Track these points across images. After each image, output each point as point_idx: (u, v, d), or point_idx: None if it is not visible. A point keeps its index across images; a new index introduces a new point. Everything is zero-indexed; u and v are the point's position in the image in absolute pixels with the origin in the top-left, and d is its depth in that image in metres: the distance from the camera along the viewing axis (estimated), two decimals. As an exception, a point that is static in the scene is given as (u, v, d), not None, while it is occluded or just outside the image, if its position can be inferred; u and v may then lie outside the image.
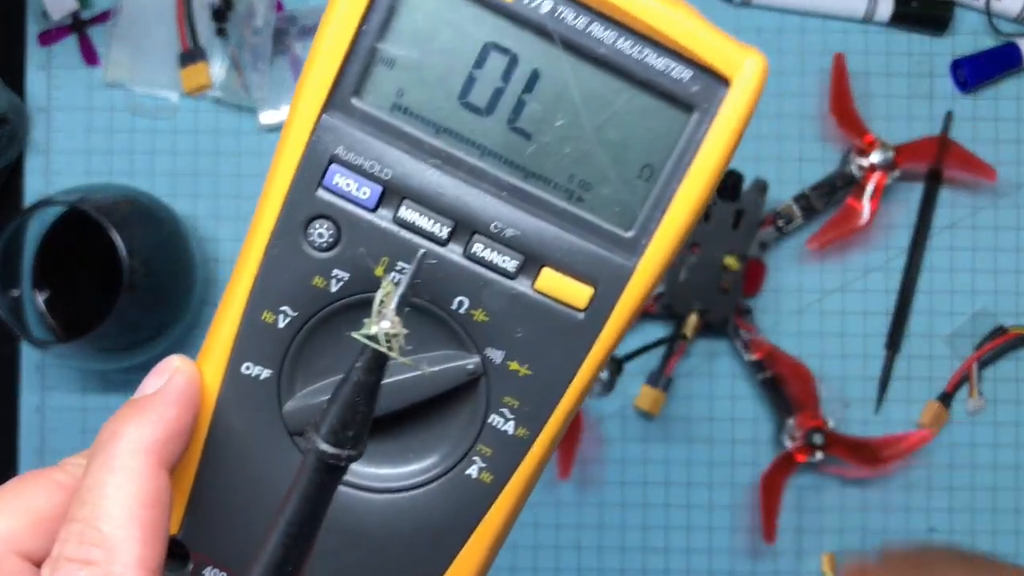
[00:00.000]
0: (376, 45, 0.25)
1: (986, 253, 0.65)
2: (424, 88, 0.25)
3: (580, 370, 0.27)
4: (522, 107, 0.25)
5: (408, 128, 0.26)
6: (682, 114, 0.26)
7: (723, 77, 0.26)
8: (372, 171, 0.26)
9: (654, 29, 0.25)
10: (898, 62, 0.65)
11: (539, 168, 0.26)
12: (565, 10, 0.25)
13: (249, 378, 0.28)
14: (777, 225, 0.63)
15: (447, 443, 0.27)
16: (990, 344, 0.64)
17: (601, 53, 0.25)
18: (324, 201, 0.26)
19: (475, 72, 0.25)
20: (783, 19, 0.65)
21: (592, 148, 0.25)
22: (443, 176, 0.26)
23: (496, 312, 0.26)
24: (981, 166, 0.63)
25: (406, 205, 0.26)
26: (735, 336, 0.64)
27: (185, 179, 0.66)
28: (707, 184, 0.26)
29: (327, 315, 0.26)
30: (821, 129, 0.65)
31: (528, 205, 0.26)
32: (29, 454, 0.65)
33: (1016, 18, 0.65)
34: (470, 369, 0.27)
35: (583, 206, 0.26)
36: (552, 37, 0.25)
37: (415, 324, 0.25)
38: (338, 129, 0.26)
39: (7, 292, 0.58)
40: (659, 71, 0.25)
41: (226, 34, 0.63)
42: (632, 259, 0.26)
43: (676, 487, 0.65)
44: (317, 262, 0.26)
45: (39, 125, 0.66)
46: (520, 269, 0.26)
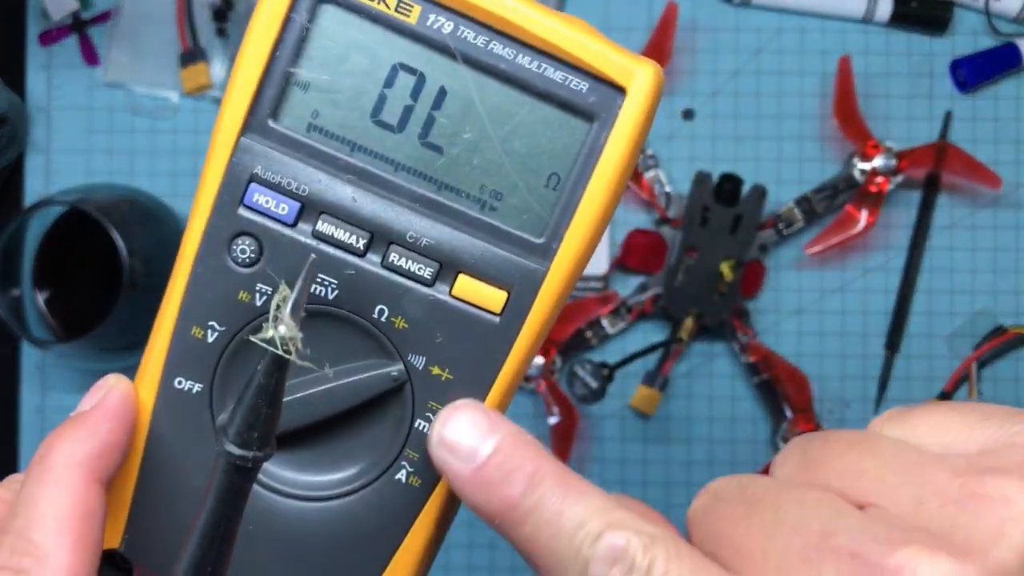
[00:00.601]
0: (290, 69, 0.26)
1: (985, 253, 0.65)
2: (337, 109, 0.27)
3: (500, 373, 0.27)
4: (432, 123, 0.27)
5: (324, 147, 0.27)
6: (583, 123, 0.27)
7: (619, 87, 0.27)
8: (290, 188, 0.27)
9: (551, 44, 0.26)
10: (897, 62, 0.65)
11: (451, 180, 0.27)
12: (466, 30, 0.26)
13: (182, 392, 0.28)
14: (778, 228, 0.63)
15: (377, 449, 0.28)
16: (989, 344, 0.64)
17: (503, 69, 0.26)
18: (245, 218, 0.27)
19: (385, 91, 0.27)
20: (782, 19, 0.65)
21: (500, 159, 0.27)
22: (359, 191, 0.27)
23: (416, 319, 0.27)
24: (986, 173, 0.63)
25: (323, 219, 0.27)
26: (732, 339, 0.64)
27: (185, 179, 0.66)
28: (611, 189, 0.27)
29: (253, 328, 0.27)
30: (821, 129, 0.65)
31: (442, 215, 0.27)
32: (29, 454, 0.65)
33: (1015, 18, 0.65)
34: (394, 376, 0.27)
35: (495, 215, 0.27)
36: (455, 56, 0.26)
37: (340, 335, 0.27)
38: (256, 150, 0.27)
39: (8, 292, 0.58)
40: (559, 83, 0.26)
41: (226, 34, 0.63)
42: (544, 264, 0.27)
43: (676, 487, 0.65)
44: (241, 277, 0.27)
45: (39, 125, 0.66)
46: (437, 276, 0.27)
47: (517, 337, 0.27)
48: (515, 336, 0.27)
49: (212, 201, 0.27)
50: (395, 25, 0.26)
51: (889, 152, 0.62)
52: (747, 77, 0.65)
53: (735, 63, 0.65)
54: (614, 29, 0.65)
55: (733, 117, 0.65)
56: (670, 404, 0.65)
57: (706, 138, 0.65)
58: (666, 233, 0.64)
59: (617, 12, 0.66)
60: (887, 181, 0.62)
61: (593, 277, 0.64)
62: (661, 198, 0.64)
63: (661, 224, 0.64)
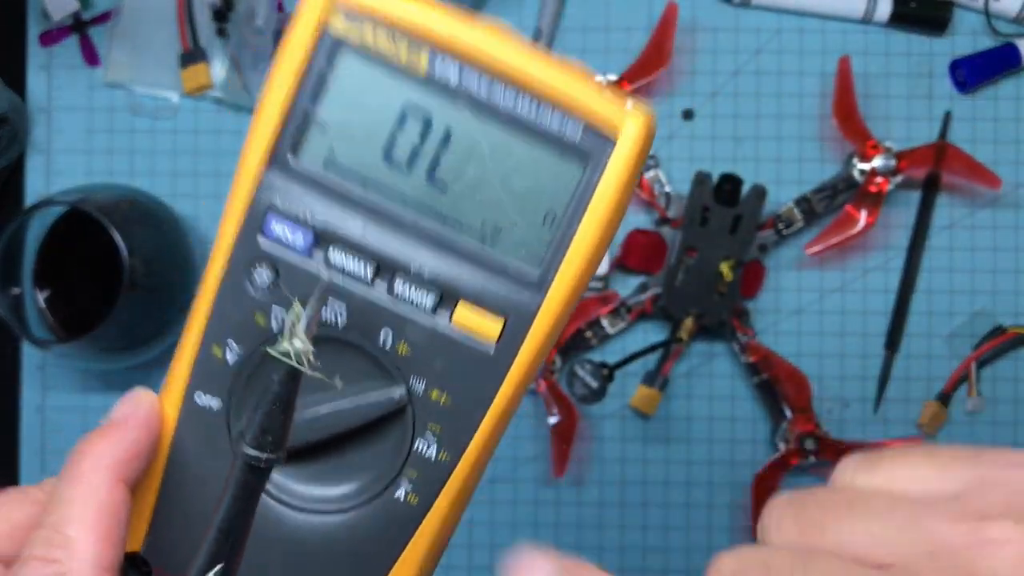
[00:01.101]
0: (310, 110, 0.29)
1: (985, 253, 0.65)
2: (352, 147, 0.29)
3: (496, 398, 0.29)
4: (438, 162, 0.28)
5: (338, 182, 0.29)
6: (577, 167, 0.28)
7: (610, 135, 0.28)
8: (305, 220, 0.29)
9: (549, 91, 0.28)
10: (897, 62, 0.66)
11: (455, 214, 0.29)
12: (470, 76, 0.28)
13: (202, 408, 0.30)
14: (777, 228, 0.64)
15: (379, 467, 0.30)
16: (989, 344, 0.64)
17: (503, 113, 0.28)
18: (264, 246, 0.29)
19: (396, 133, 0.28)
20: (782, 19, 0.66)
21: (500, 196, 0.28)
22: (369, 223, 0.29)
23: (417, 344, 0.29)
24: (985, 173, 0.63)
25: (334, 249, 0.29)
26: (732, 339, 0.64)
27: (185, 179, 0.66)
28: (602, 229, 0.28)
29: (270, 342, 0.28)
30: (820, 130, 0.65)
31: (445, 247, 0.29)
32: (30, 454, 0.66)
33: (1015, 19, 0.65)
34: (396, 398, 0.29)
35: (495, 248, 0.29)
36: (460, 101, 0.28)
37: (347, 358, 0.29)
38: (277, 183, 0.29)
39: (8, 291, 0.59)
40: (555, 130, 0.28)
41: (227, 34, 0.63)
42: (539, 296, 0.29)
43: (675, 486, 0.65)
44: (258, 301, 0.29)
45: (40, 125, 0.66)
46: (438, 304, 0.29)
47: (513, 363, 0.29)
48: (511, 362, 0.29)
49: (236, 229, 0.29)
50: (405, 71, 0.28)
51: (889, 152, 0.62)
52: (747, 77, 0.65)
53: (735, 63, 0.65)
54: (614, 29, 0.66)
55: (733, 117, 0.65)
56: (670, 404, 0.65)
57: (706, 138, 0.65)
58: (666, 233, 0.64)
59: (617, 12, 0.66)
60: (886, 181, 0.62)
61: (593, 277, 0.64)
62: (661, 198, 0.64)
63: (661, 224, 0.64)
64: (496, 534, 0.65)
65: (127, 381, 0.65)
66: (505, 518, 0.65)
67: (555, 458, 0.63)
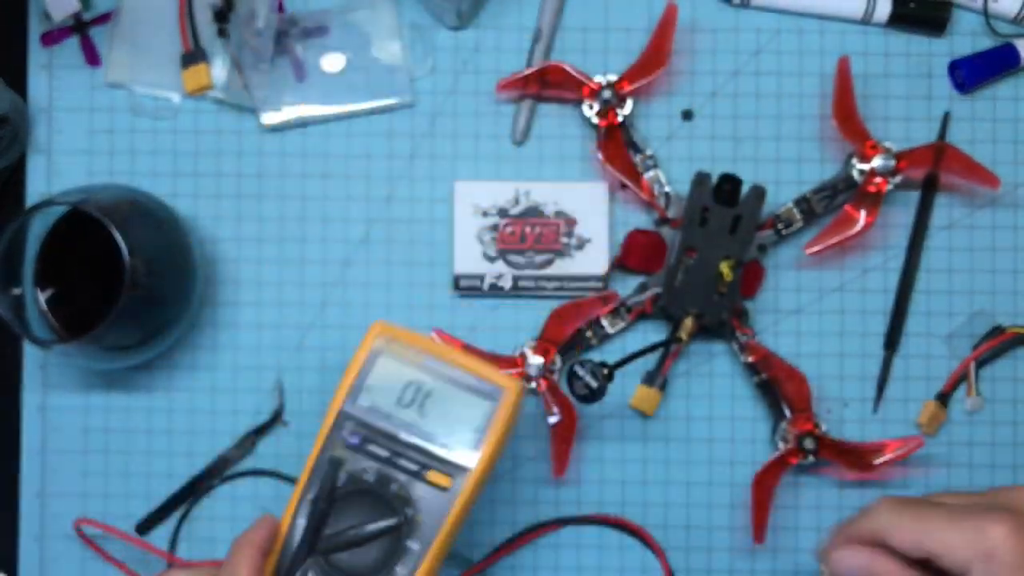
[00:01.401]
0: (364, 382, 0.53)
1: (984, 253, 0.65)
2: (383, 397, 0.53)
3: (446, 520, 0.51)
4: (423, 404, 0.53)
5: (377, 414, 0.53)
6: (489, 402, 0.52)
7: (502, 386, 0.52)
8: (358, 432, 0.52)
9: (477, 370, 0.53)
10: (896, 63, 0.66)
11: (430, 428, 0.52)
12: (439, 365, 0.53)
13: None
14: (777, 228, 0.64)
15: (388, 556, 0.51)
16: (988, 344, 0.65)
17: (455, 380, 0.53)
18: (342, 443, 0.53)
19: (404, 391, 0.53)
20: (781, 20, 0.66)
21: (452, 418, 0.52)
22: (388, 432, 0.52)
23: (408, 490, 0.51)
24: (984, 173, 0.63)
25: (372, 445, 0.52)
26: (731, 338, 0.64)
27: (186, 180, 0.66)
28: (500, 432, 0.52)
29: (337, 497, 0.52)
30: (820, 130, 0.65)
31: (424, 445, 0.52)
32: (31, 453, 0.66)
33: (1014, 19, 0.65)
34: (396, 521, 0.51)
35: (449, 443, 0.52)
36: (436, 377, 0.53)
37: (371, 503, 0.51)
38: (347, 415, 0.53)
39: (9, 291, 0.59)
40: (478, 386, 0.52)
41: (227, 35, 0.63)
42: (471, 468, 0.52)
43: (675, 486, 0.65)
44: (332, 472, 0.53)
45: (41, 125, 0.66)
46: (421, 470, 0.51)
47: (457, 498, 0.51)
48: (456, 498, 0.51)
49: (323, 437, 0.53)
50: (410, 363, 0.53)
51: (888, 153, 0.62)
52: (746, 78, 0.66)
53: (734, 64, 0.66)
54: (613, 30, 0.66)
55: (732, 118, 0.66)
56: (669, 404, 0.65)
57: (705, 138, 0.66)
58: (666, 233, 0.64)
59: (616, 13, 0.66)
60: (885, 181, 0.62)
61: (593, 277, 0.64)
62: (660, 198, 0.64)
63: (661, 224, 0.64)
64: (496, 534, 0.65)
65: (128, 381, 0.66)
66: (505, 517, 0.65)
67: (555, 458, 0.63)
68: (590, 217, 0.64)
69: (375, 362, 0.53)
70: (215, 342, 0.66)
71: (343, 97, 0.65)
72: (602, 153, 0.63)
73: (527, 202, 0.64)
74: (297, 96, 0.65)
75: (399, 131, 0.66)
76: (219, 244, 0.66)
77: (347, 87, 0.65)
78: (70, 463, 0.66)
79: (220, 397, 0.65)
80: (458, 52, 0.66)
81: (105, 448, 0.66)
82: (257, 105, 0.65)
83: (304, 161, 0.66)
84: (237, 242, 0.66)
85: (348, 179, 0.66)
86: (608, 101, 0.63)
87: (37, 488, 0.66)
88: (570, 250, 0.64)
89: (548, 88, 0.65)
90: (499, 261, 0.64)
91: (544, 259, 0.64)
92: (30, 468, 0.66)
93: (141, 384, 0.66)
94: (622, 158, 0.64)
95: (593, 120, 0.63)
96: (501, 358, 0.64)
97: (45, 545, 0.66)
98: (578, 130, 0.66)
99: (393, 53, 0.65)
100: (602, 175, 0.65)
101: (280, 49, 0.65)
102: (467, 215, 0.64)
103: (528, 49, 0.65)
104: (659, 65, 0.63)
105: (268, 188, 0.66)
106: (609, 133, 0.64)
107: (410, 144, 0.66)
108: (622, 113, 0.63)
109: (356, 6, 0.66)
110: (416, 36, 0.66)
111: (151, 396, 0.66)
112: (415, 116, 0.66)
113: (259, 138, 0.66)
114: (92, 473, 0.66)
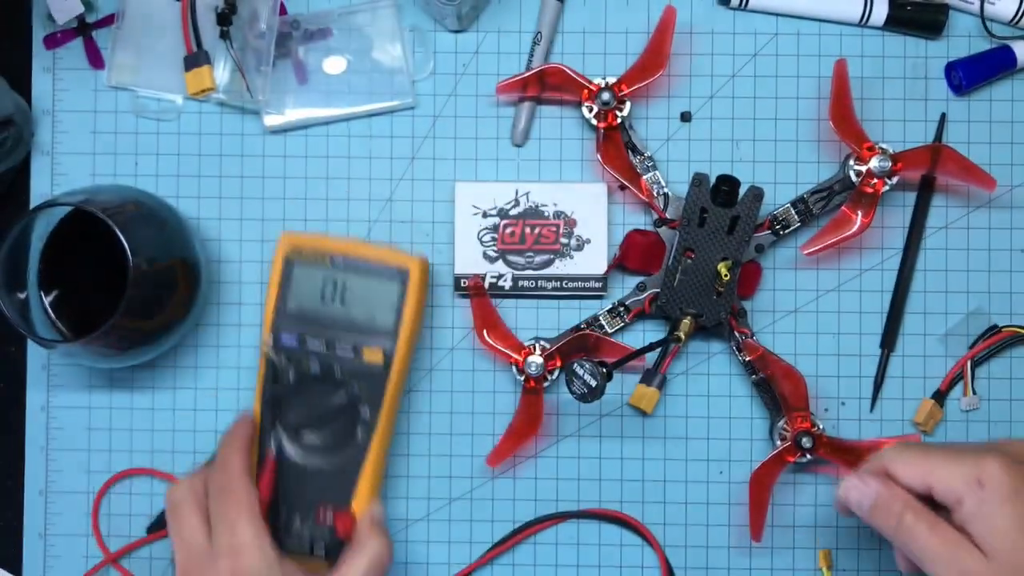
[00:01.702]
0: (287, 290, 0.60)
1: (980, 253, 0.66)
2: (307, 298, 0.60)
3: (388, 387, 0.59)
4: (343, 295, 0.60)
5: (304, 313, 0.60)
6: (398, 284, 0.59)
7: (406, 268, 0.60)
8: (293, 333, 0.60)
9: (381, 257, 0.60)
10: (893, 65, 0.66)
11: (353, 315, 0.60)
12: (346, 260, 0.60)
13: None
14: (774, 229, 0.64)
15: (345, 427, 0.59)
16: (984, 343, 0.65)
17: (364, 269, 0.60)
18: (280, 345, 0.60)
19: (323, 289, 0.60)
20: (779, 23, 0.66)
21: (371, 303, 0.59)
22: (319, 326, 0.60)
23: (350, 371, 0.59)
24: (980, 174, 0.63)
25: (308, 340, 0.60)
26: (729, 338, 0.64)
27: (189, 181, 0.66)
28: (414, 306, 0.59)
29: (291, 389, 0.60)
30: (817, 132, 0.66)
31: (351, 326, 0.59)
32: (35, 452, 0.66)
33: (1010, 21, 0.66)
34: (347, 397, 0.59)
35: (373, 324, 0.59)
36: (341, 269, 0.60)
37: (319, 384, 0.59)
38: (280, 321, 0.60)
39: (13, 292, 0.59)
40: (385, 271, 0.60)
41: (230, 38, 0.64)
42: (395, 339, 0.59)
43: (674, 485, 0.65)
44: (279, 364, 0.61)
45: (44, 127, 0.67)
46: (356, 351, 0.59)
47: (393, 366, 0.59)
48: (392, 366, 0.59)
49: (266, 337, 0.60)
50: (321, 264, 0.60)
51: (884, 154, 0.63)
52: (744, 80, 0.66)
53: (732, 66, 0.66)
54: (612, 33, 0.66)
55: (730, 119, 0.66)
56: (669, 402, 0.65)
57: (703, 140, 0.66)
58: (664, 234, 0.64)
59: (615, 16, 0.66)
60: (882, 183, 0.63)
61: (592, 277, 0.65)
62: (659, 199, 0.64)
63: (659, 225, 0.65)
64: (495, 531, 0.65)
65: (131, 380, 0.66)
66: (506, 517, 0.65)
67: (498, 449, 0.64)
68: (589, 218, 0.65)
69: (292, 269, 0.60)
70: (218, 342, 0.66)
71: (345, 99, 0.66)
72: (601, 154, 0.64)
73: (527, 203, 0.65)
74: (299, 98, 0.66)
75: (400, 133, 0.66)
76: (222, 245, 0.66)
77: (349, 89, 0.66)
78: (73, 462, 0.66)
79: (223, 397, 0.66)
80: (459, 55, 0.66)
81: (108, 447, 0.66)
82: (259, 107, 0.65)
83: (306, 163, 0.66)
84: (239, 243, 0.66)
85: (350, 181, 0.66)
86: (607, 103, 0.63)
87: (41, 487, 0.66)
88: (569, 250, 0.65)
89: (548, 90, 0.65)
90: (499, 261, 0.65)
91: (544, 259, 0.65)
92: (34, 467, 0.66)
93: (144, 384, 0.66)
94: (621, 159, 0.64)
95: (592, 122, 0.64)
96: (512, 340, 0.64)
97: (49, 543, 0.66)
98: (577, 132, 0.66)
99: (394, 56, 0.66)
100: (601, 176, 0.65)
101: (282, 52, 0.66)
102: (467, 216, 0.65)
103: (528, 52, 0.66)
104: (658, 67, 0.63)
105: (270, 190, 0.66)
106: (608, 135, 0.64)
107: (411, 146, 0.66)
108: (621, 115, 0.64)
109: (357, 9, 0.66)
110: (417, 39, 0.66)
111: (154, 396, 0.66)
112: (416, 118, 0.66)
113: (261, 140, 0.66)
114: (95, 471, 0.66)
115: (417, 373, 0.66)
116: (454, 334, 0.66)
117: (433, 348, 0.66)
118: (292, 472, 0.59)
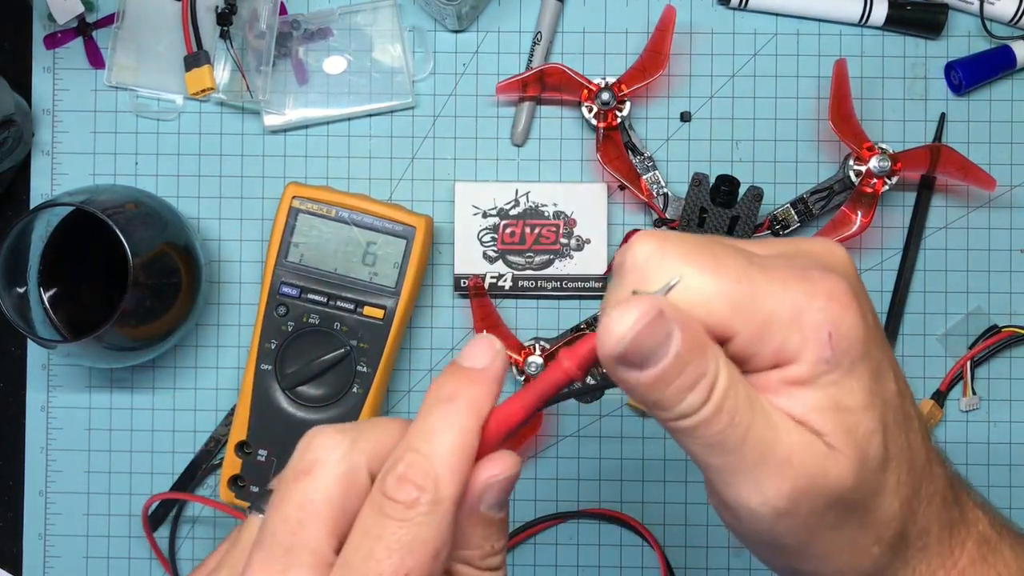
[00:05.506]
0: (290, 240, 0.62)
1: (980, 254, 0.66)
2: (310, 249, 0.62)
3: (387, 343, 0.61)
4: (347, 249, 0.61)
5: (306, 266, 0.62)
6: (403, 241, 0.61)
7: (413, 226, 0.61)
8: (295, 284, 0.62)
9: (387, 214, 0.61)
10: (893, 65, 0.66)
11: (354, 269, 0.61)
12: (348, 213, 0.61)
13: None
14: (774, 229, 0.64)
15: (343, 381, 0.61)
16: (984, 343, 0.65)
17: (369, 226, 0.61)
18: (279, 297, 0.62)
19: (326, 244, 0.62)
20: (779, 22, 0.66)
21: (375, 259, 0.61)
22: (321, 279, 0.62)
23: (350, 325, 0.61)
24: (980, 174, 0.63)
25: (311, 293, 0.61)
26: (732, 335, 0.64)
27: (189, 181, 0.66)
28: (418, 265, 0.61)
29: (289, 341, 0.62)
30: (817, 132, 0.66)
31: (355, 286, 0.61)
32: (35, 452, 0.66)
33: (1009, 21, 0.66)
34: (345, 350, 0.61)
35: (376, 280, 0.61)
36: (349, 224, 0.61)
37: (321, 337, 0.61)
38: (282, 272, 0.62)
39: (13, 291, 0.59)
40: (391, 228, 0.61)
41: (230, 38, 0.64)
42: (397, 297, 0.61)
43: (674, 485, 0.65)
44: (279, 322, 0.62)
45: (45, 127, 0.67)
46: (356, 308, 0.61)
47: (392, 323, 0.61)
48: (390, 329, 0.61)
49: (266, 291, 0.62)
50: (325, 216, 0.61)
51: (884, 154, 0.63)
52: (744, 80, 0.66)
53: (732, 66, 0.66)
54: (612, 32, 0.66)
55: (730, 119, 0.66)
56: (668, 403, 0.65)
57: (703, 140, 0.66)
58: (664, 234, 0.64)
59: (615, 16, 0.66)
60: (882, 183, 0.63)
61: (592, 277, 0.65)
62: (659, 199, 0.64)
63: (659, 225, 0.65)
64: (496, 532, 0.66)
65: (131, 380, 0.66)
66: (505, 516, 0.66)
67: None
68: (589, 218, 0.65)
69: (296, 220, 0.61)
70: (218, 342, 0.66)
71: (345, 99, 0.66)
72: (601, 154, 0.64)
73: (527, 203, 0.65)
74: (299, 98, 0.66)
75: (400, 133, 0.66)
76: (222, 245, 0.66)
77: (348, 89, 0.66)
78: (73, 462, 0.66)
79: (223, 397, 0.66)
80: (459, 55, 0.67)
81: (108, 447, 0.66)
82: (259, 107, 0.65)
83: (306, 163, 0.66)
84: (239, 243, 0.66)
85: (350, 180, 0.66)
86: (607, 103, 0.63)
87: (40, 487, 0.66)
88: (569, 251, 0.65)
89: (548, 90, 0.65)
90: (499, 261, 0.65)
91: (544, 259, 0.65)
92: (34, 467, 0.66)
93: (144, 383, 0.66)
94: (621, 159, 0.64)
95: (592, 122, 0.64)
96: (512, 340, 0.64)
97: (49, 543, 0.66)
98: (577, 132, 0.66)
99: (394, 56, 0.66)
100: (601, 176, 0.65)
101: (282, 52, 0.66)
102: (467, 216, 0.65)
103: (528, 52, 0.66)
104: (657, 67, 0.64)
105: (270, 190, 0.66)
106: (608, 135, 0.64)
107: (411, 146, 0.66)
108: (621, 115, 0.64)
109: (357, 9, 0.66)
110: (417, 39, 0.66)
111: (154, 395, 0.66)
112: (416, 118, 0.66)
113: (261, 140, 0.66)
114: (95, 472, 0.66)
115: (417, 373, 0.66)
116: (454, 334, 0.66)
117: (433, 348, 0.66)
118: (287, 423, 0.61)
